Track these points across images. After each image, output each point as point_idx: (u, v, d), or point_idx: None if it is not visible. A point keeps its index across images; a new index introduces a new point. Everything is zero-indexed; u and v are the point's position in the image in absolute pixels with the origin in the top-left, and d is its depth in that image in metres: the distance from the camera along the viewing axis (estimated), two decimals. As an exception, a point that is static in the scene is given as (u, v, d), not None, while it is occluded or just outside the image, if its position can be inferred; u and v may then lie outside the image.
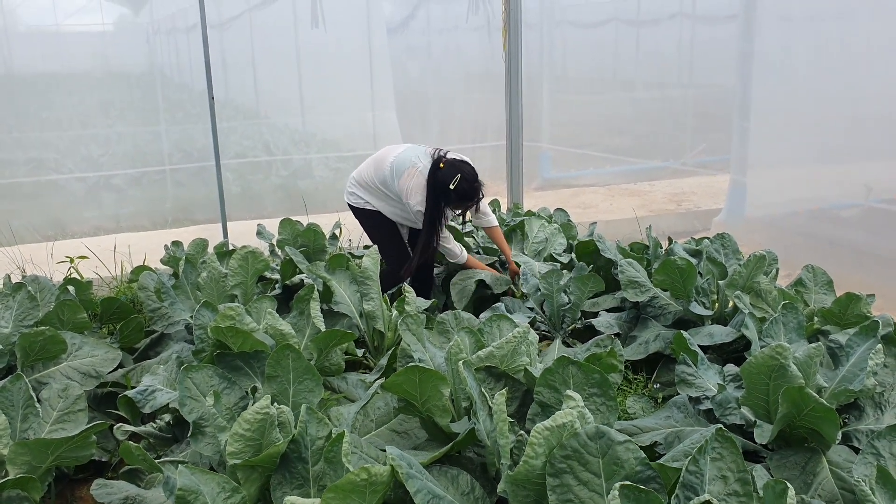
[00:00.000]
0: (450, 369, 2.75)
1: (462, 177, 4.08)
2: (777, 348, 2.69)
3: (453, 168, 4.09)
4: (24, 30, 10.77)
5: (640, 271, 3.93)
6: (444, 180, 4.06)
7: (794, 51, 5.88)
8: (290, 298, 4.37)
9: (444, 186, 4.06)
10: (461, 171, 4.09)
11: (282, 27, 8.60)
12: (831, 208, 5.91)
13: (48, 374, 3.35)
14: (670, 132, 9.21)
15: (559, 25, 9.35)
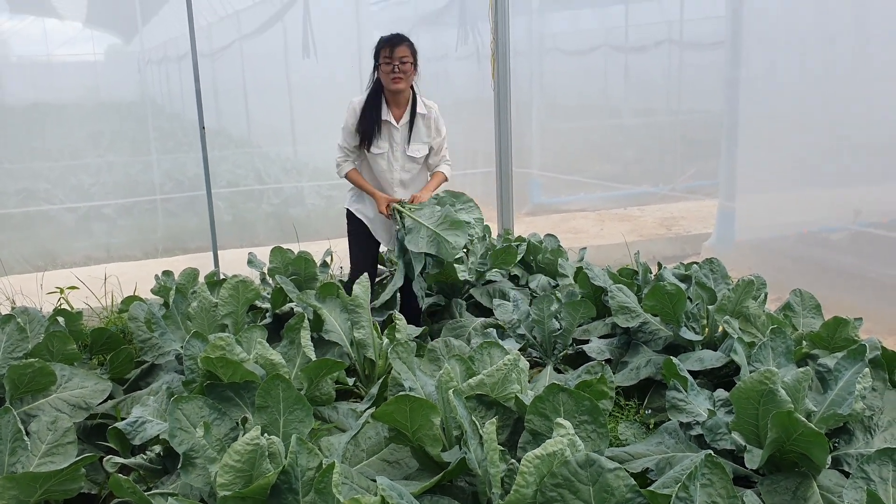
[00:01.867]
0: (440, 398, 2.75)
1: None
2: (766, 373, 2.70)
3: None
4: (15, 60, 10.81)
5: (630, 297, 3.95)
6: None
7: (780, 76, 5.95)
8: (280, 327, 4.36)
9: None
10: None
11: (273, 57, 8.66)
12: (820, 232, 5.95)
13: (37, 406, 3.33)
14: (659, 158, 9.28)
15: (548, 52, 9.45)
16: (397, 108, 4.13)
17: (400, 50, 3.98)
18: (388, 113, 4.12)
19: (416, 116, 4.10)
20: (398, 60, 3.99)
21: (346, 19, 7.64)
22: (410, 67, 4.02)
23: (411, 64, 4.02)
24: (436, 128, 4.13)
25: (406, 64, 4.00)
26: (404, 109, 4.11)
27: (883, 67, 5.21)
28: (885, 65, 5.19)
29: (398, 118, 4.12)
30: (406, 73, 4.02)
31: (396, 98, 4.11)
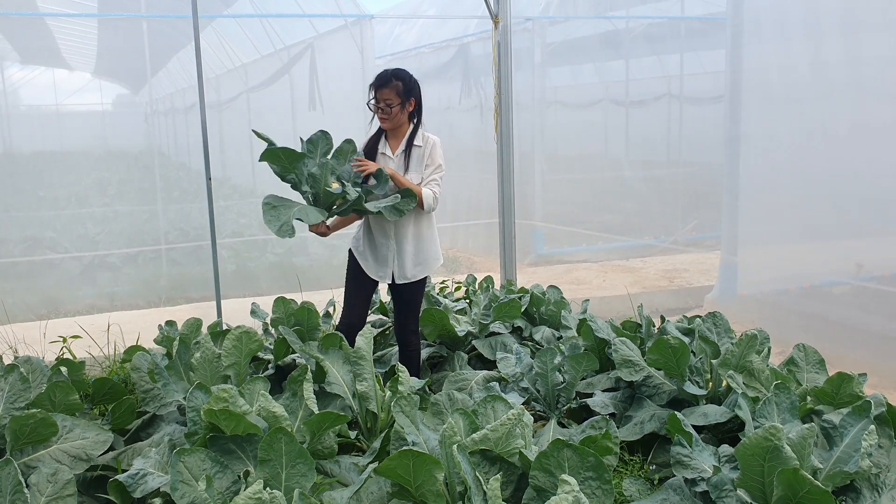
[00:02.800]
0: (444, 453, 2.73)
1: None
2: (770, 429, 2.69)
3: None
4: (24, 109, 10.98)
5: (633, 350, 3.94)
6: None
7: (779, 130, 6.03)
8: (283, 378, 4.35)
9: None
10: None
11: (279, 109, 8.79)
12: (822, 286, 5.96)
13: (37, 457, 3.31)
14: (661, 210, 9.35)
15: (550, 106, 9.59)
16: (395, 140, 4.20)
17: (383, 93, 4.07)
18: (385, 146, 4.20)
19: (411, 148, 4.14)
20: (382, 102, 4.08)
21: (352, 73, 7.78)
22: (398, 109, 4.08)
23: (398, 105, 4.08)
24: (430, 156, 4.14)
25: (390, 106, 4.07)
26: (401, 142, 4.17)
27: (881, 122, 5.29)
28: (884, 119, 5.27)
29: (395, 150, 4.18)
30: (391, 113, 4.09)
31: (394, 132, 4.20)
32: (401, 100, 4.07)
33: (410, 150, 4.14)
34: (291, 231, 3.77)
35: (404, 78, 4.09)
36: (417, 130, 4.18)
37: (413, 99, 4.12)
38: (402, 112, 4.09)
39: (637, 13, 9.41)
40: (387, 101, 4.06)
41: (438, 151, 4.15)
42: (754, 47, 6.24)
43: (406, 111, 4.11)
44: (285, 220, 3.76)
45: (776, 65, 6.07)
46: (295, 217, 3.78)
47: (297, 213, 3.80)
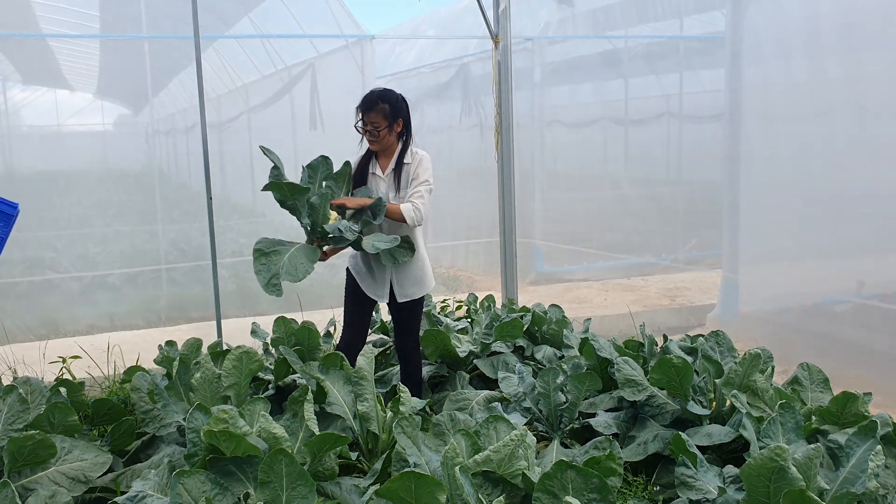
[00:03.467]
0: (446, 474, 2.71)
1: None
2: (776, 450, 2.66)
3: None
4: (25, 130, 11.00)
5: (636, 370, 3.92)
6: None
7: (780, 148, 6.04)
8: (283, 398, 4.32)
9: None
10: None
11: (280, 128, 8.80)
12: (824, 304, 5.95)
13: (35, 479, 3.28)
14: (661, 228, 9.34)
15: (549, 125, 9.61)
16: (385, 159, 4.21)
17: (370, 117, 4.06)
18: (375, 165, 4.21)
19: (401, 166, 4.13)
20: (370, 125, 4.07)
21: (353, 92, 7.78)
22: (385, 132, 4.07)
23: (386, 128, 4.07)
24: (415, 171, 4.13)
25: (378, 129, 4.06)
26: (390, 160, 4.16)
27: (882, 140, 5.29)
28: (884, 137, 5.27)
29: (384, 169, 4.17)
30: (379, 136, 4.08)
31: (384, 151, 4.20)
32: (388, 122, 4.06)
33: (400, 169, 4.13)
34: (279, 290, 3.72)
35: (391, 100, 4.07)
36: (407, 149, 4.17)
37: (400, 119, 4.10)
38: (389, 134, 4.09)
39: (636, 33, 9.46)
40: (374, 124, 4.04)
41: (425, 166, 4.12)
42: (754, 65, 6.26)
43: (394, 132, 4.11)
44: (274, 272, 3.72)
45: (776, 83, 6.09)
46: (284, 275, 3.72)
47: (286, 267, 3.74)
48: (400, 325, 4.33)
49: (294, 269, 3.75)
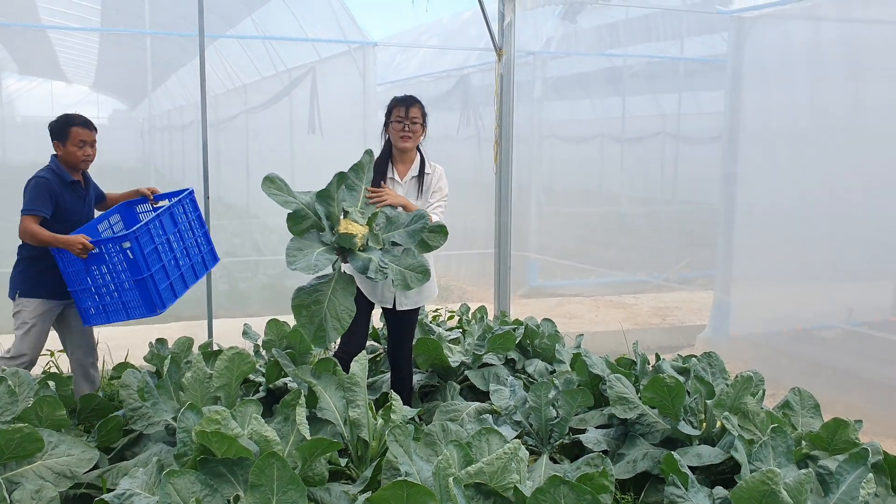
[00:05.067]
0: (437, 485, 2.70)
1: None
2: (768, 473, 2.67)
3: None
4: (19, 120, 10.93)
5: (628, 387, 3.92)
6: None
7: (777, 172, 6.08)
8: (273, 401, 4.30)
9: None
10: None
11: (278, 130, 8.78)
12: (813, 329, 5.98)
13: (21, 473, 3.25)
14: (655, 246, 9.38)
15: (547, 139, 9.65)
16: (403, 165, 4.23)
17: (413, 110, 4.15)
18: (393, 171, 4.23)
19: (421, 175, 4.18)
20: (410, 120, 4.14)
21: (353, 98, 7.80)
22: (420, 128, 4.17)
23: (421, 125, 4.17)
24: (438, 184, 4.20)
25: (416, 124, 4.15)
26: (409, 167, 4.19)
27: (879, 167, 5.34)
28: (881, 164, 5.32)
29: (402, 175, 4.19)
30: (415, 132, 4.16)
31: (403, 157, 4.23)
32: (423, 119, 4.19)
33: (422, 178, 4.17)
34: (325, 342, 3.66)
35: (422, 104, 4.23)
36: (425, 158, 4.25)
37: (426, 125, 4.24)
38: (422, 132, 4.20)
39: (637, 52, 9.51)
40: (415, 118, 4.14)
41: (445, 181, 4.24)
42: (755, 89, 6.31)
43: (423, 134, 4.22)
44: (318, 324, 3.64)
45: (776, 107, 6.14)
46: (330, 331, 3.65)
47: (330, 322, 3.65)
48: (396, 333, 4.32)
49: (338, 320, 3.67)
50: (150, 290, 4.00)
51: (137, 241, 3.95)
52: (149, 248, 4.01)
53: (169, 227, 4.21)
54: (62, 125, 4.16)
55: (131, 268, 3.97)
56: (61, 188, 4.11)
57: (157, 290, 4.02)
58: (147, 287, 3.99)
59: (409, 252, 3.75)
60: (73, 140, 4.14)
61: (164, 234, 4.15)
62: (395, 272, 3.69)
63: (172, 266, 4.20)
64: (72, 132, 4.14)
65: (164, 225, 4.17)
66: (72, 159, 4.16)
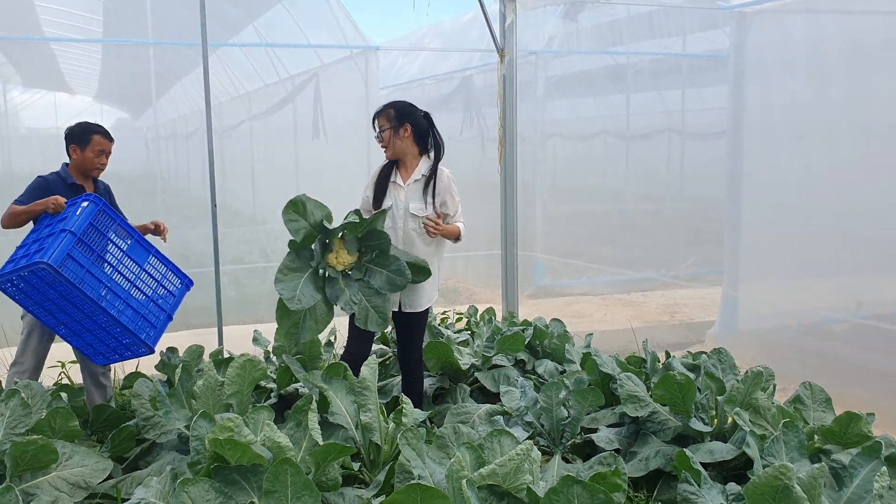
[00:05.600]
0: (451, 487, 2.70)
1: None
2: (781, 468, 2.67)
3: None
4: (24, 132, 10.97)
5: (639, 386, 3.92)
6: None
7: (782, 166, 6.07)
8: (284, 407, 4.31)
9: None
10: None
11: (282, 136, 8.80)
12: (822, 322, 5.96)
13: (36, 484, 3.27)
14: (662, 244, 9.37)
15: (551, 138, 9.65)
16: (405, 170, 4.23)
17: (379, 121, 4.19)
18: (396, 175, 4.24)
19: (428, 179, 4.17)
20: (378, 132, 4.18)
21: (356, 103, 7.82)
22: (389, 134, 4.15)
23: (389, 130, 4.14)
24: (448, 192, 4.17)
25: (385, 131, 4.15)
26: (412, 172, 4.19)
27: (884, 160, 5.32)
28: (887, 158, 5.30)
29: (405, 179, 4.20)
30: (386, 140, 4.17)
31: (403, 162, 4.24)
32: (391, 125, 4.14)
33: (426, 183, 4.15)
34: (296, 341, 4.02)
35: (398, 105, 4.19)
36: (436, 160, 4.23)
37: (408, 125, 4.15)
38: (395, 136, 4.15)
39: (639, 49, 9.51)
40: (380, 126, 4.17)
41: (454, 187, 4.23)
42: (757, 84, 6.30)
43: (402, 137, 4.15)
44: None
45: (779, 102, 6.13)
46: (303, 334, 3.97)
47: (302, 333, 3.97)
48: (405, 336, 4.33)
49: (315, 322, 4.00)
50: (65, 244, 3.67)
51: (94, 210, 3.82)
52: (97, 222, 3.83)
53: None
54: (84, 131, 4.19)
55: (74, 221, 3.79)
56: (62, 190, 4.12)
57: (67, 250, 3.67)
58: (66, 240, 3.68)
59: (380, 295, 3.99)
60: (92, 147, 4.17)
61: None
62: (361, 308, 3.96)
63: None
64: (93, 139, 4.17)
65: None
66: (87, 165, 4.19)
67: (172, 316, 4.18)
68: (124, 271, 3.96)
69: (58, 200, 3.88)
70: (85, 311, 3.76)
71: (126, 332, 3.86)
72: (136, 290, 4.01)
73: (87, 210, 3.81)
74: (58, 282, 3.62)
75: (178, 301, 4.27)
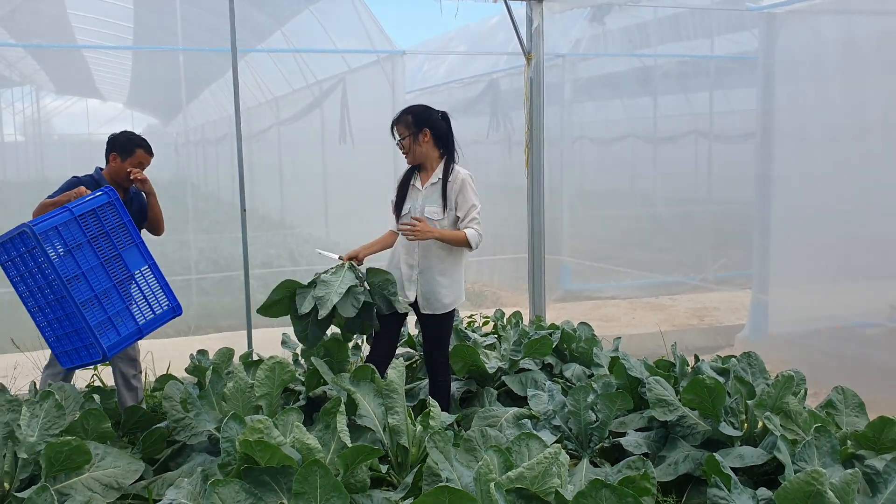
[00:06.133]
0: (478, 490, 2.71)
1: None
2: (813, 474, 2.64)
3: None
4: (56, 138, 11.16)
5: (668, 390, 3.90)
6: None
7: (813, 169, 5.99)
8: (313, 409, 4.34)
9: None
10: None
11: (310, 141, 8.86)
12: (854, 327, 5.88)
13: (70, 484, 3.32)
14: (690, 247, 9.29)
15: (578, 141, 9.61)
16: (425, 173, 4.25)
17: (397, 129, 4.18)
18: (416, 178, 4.25)
19: (444, 183, 4.15)
20: (398, 137, 4.17)
21: (383, 107, 7.84)
22: (408, 142, 4.14)
23: (409, 137, 4.13)
24: (461, 194, 4.13)
25: (405, 139, 4.14)
26: (430, 175, 4.20)
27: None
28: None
29: (423, 182, 4.20)
30: (406, 147, 4.16)
31: (423, 165, 4.24)
32: (410, 132, 4.12)
33: (443, 186, 4.15)
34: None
35: (415, 111, 4.17)
36: (449, 165, 4.19)
37: (427, 129, 4.13)
38: (414, 144, 4.13)
39: (667, 51, 9.45)
40: (400, 134, 4.16)
41: (468, 190, 4.14)
42: (787, 86, 6.23)
43: (422, 143, 4.13)
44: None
45: (811, 103, 6.05)
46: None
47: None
48: (427, 338, 4.34)
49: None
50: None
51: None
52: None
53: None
54: (129, 142, 4.25)
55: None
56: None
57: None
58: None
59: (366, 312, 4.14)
60: (134, 159, 4.23)
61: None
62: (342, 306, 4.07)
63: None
64: (137, 152, 4.23)
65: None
66: (123, 175, 4.24)
67: (144, 332, 3.94)
68: (110, 269, 3.79)
69: (80, 191, 3.87)
70: (55, 292, 3.64)
71: (87, 329, 3.66)
72: (114, 293, 3.81)
73: (97, 198, 3.78)
74: (37, 252, 3.56)
75: (158, 322, 4.02)
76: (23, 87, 9.37)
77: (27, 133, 9.49)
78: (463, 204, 4.11)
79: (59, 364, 4.14)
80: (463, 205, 4.11)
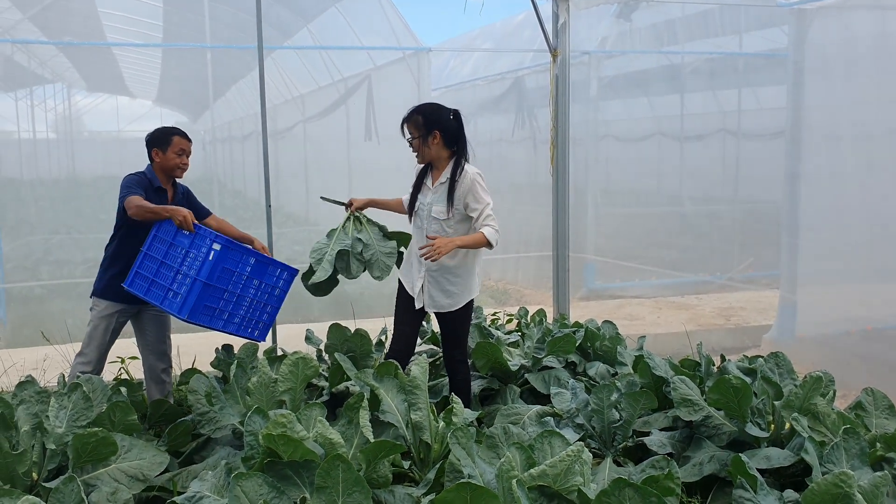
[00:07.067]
0: (500, 487, 2.70)
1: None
2: (841, 476, 2.60)
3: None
4: (87, 135, 11.30)
5: (693, 389, 3.86)
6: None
7: (843, 168, 5.91)
8: (336, 405, 4.36)
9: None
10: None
11: (335, 139, 8.89)
12: (885, 328, 5.79)
13: (97, 475, 3.36)
14: (717, 246, 9.21)
15: (603, 139, 9.55)
16: (437, 172, 4.22)
17: (407, 128, 4.13)
18: (428, 177, 4.23)
19: (452, 182, 4.10)
20: (408, 136, 4.13)
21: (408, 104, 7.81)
22: (418, 142, 4.09)
23: (419, 138, 4.08)
24: (471, 194, 4.07)
25: (415, 139, 4.09)
26: (441, 174, 4.17)
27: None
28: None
29: (434, 181, 4.18)
30: (416, 147, 4.12)
31: (436, 164, 4.21)
32: (420, 132, 4.06)
33: (451, 185, 4.10)
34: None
35: (424, 111, 4.08)
36: (459, 164, 4.13)
37: (437, 131, 4.05)
38: (424, 144, 4.08)
39: (694, 48, 9.36)
40: (413, 136, 4.11)
41: (479, 189, 4.05)
42: (817, 84, 6.14)
43: (432, 143, 4.08)
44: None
45: (842, 101, 5.97)
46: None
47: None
48: (444, 335, 4.34)
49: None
50: (196, 295, 3.92)
51: (225, 251, 3.96)
52: (227, 263, 4.01)
53: (252, 273, 4.23)
54: (163, 134, 4.30)
55: (202, 266, 3.95)
56: (148, 191, 4.23)
57: (199, 301, 3.93)
58: (197, 292, 3.92)
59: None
60: (173, 147, 4.27)
61: (244, 270, 4.15)
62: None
63: (231, 300, 4.14)
64: (173, 140, 4.27)
65: (250, 267, 4.20)
66: (170, 165, 4.28)
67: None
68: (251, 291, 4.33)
69: (186, 218, 3.94)
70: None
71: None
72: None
73: (217, 255, 3.95)
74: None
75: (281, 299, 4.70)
76: (54, 84, 9.51)
77: (59, 130, 9.63)
78: (475, 204, 4.04)
79: (90, 354, 4.21)
80: (475, 205, 4.04)
